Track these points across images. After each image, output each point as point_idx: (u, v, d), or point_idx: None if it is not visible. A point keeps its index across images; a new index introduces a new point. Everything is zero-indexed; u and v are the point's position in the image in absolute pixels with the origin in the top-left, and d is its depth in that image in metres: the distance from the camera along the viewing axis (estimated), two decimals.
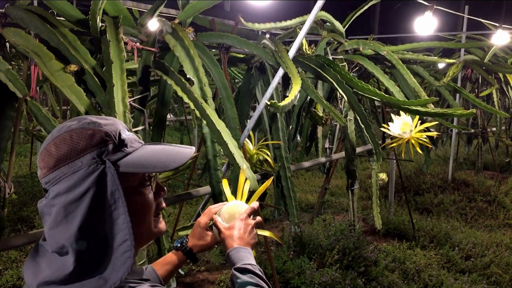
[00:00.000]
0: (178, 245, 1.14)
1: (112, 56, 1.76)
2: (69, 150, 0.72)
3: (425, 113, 2.76)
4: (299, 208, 4.71)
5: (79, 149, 0.72)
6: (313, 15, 2.29)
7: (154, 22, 2.18)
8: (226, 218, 1.11)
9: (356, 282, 2.87)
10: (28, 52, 1.68)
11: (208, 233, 1.13)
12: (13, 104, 1.90)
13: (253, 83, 3.01)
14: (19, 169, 6.10)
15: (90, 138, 0.73)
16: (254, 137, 2.86)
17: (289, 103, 1.85)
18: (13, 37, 1.70)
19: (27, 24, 1.75)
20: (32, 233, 1.88)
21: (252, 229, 1.08)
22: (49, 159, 0.74)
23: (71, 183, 0.71)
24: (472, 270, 3.33)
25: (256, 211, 1.15)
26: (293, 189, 2.80)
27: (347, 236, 3.30)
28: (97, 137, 0.74)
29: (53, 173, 0.73)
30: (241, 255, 1.00)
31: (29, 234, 1.85)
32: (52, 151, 0.74)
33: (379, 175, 3.13)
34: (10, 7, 1.75)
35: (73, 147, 0.72)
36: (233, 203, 1.17)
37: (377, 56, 3.61)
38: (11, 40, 1.70)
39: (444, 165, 6.64)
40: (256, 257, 1.07)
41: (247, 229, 1.06)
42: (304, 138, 3.87)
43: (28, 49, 1.68)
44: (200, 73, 2.04)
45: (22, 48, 1.68)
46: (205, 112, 1.65)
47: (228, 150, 1.63)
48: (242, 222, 1.06)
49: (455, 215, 4.67)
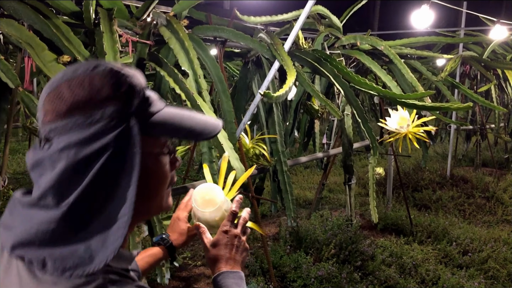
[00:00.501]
0: (158, 240, 1.06)
1: (105, 48, 1.76)
2: (88, 96, 0.60)
3: (422, 106, 2.75)
4: (297, 204, 4.72)
5: (101, 98, 0.60)
6: (308, 8, 2.28)
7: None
8: (200, 203, 1.07)
9: (353, 276, 2.86)
10: (21, 43, 1.68)
11: (188, 227, 1.06)
12: (6, 96, 1.90)
13: (250, 78, 3.01)
14: (17, 166, 6.10)
15: (116, 88, 0.61)
16: (251, 131, 2.86)
17: (284, 94, 1.84)
18: (6, 28, 1.69)
19: (20, 15, 1.74)
20: None
21: (240, 241, 0.93)
22: (60, 103, 0.61)
23: (86, 136, 0.59)
24: (469, 265, 3.32)
25: (252, 206, 1.10)
26: (290, 183, 2.79)
27: (344, 231, 3.30)
28: (124, 88, 0.62)
29: (64, 120, 0.60)
30: (230, 281, 0.87)
31: None
32: (65, 94, 0.61)
33: (376, 169, 3.12)
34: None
35: (93, 94, 0.60)
36: (205, 186, 1.10)
37: (375, 51, 3.61)
38: (4, 30, 1.69)
39: (442, 161, 6.64)
40: (252, 251, 1.03)
41: (234, 242, 0.92)
42: (302, 133, 3.87)
43: (21, 40, 1.67)
44: (195, 65, 2.03)
45: (14, 39, 1.68)
46: (196, 103, 1.64)
47: (217, 140, 1.62)
48: (227, 236, 0.92)
49: (454, 211, 4.66)
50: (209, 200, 1.04)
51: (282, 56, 2.24)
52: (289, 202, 2.76)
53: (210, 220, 1.14)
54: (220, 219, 1.15)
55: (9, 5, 1.76)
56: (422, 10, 3.31)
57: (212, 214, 1.12)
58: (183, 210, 1.06)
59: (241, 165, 1.62)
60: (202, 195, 1.06)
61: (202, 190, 1.07)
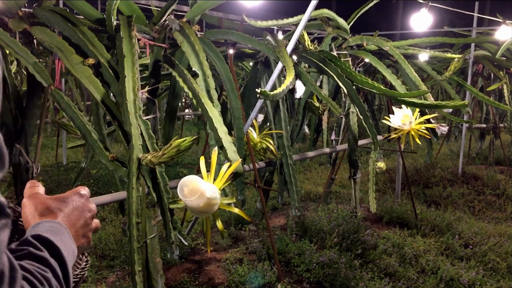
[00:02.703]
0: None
1: (124, 51, 2.00)
2: None
3: (420, 104, 2.90)
4: (308, 198, 4.91)
5: None
6: (308, 13, 2.48)
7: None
8: (185, 193, 1.24)
9: (353, 263, 3.05)
10: (52, 48, 1.94)
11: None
12: (39, 94, 2.17)
13: (259, 77, 3.22)
14: (46, 159, 6.48)
15: None
16: (264, 129, 3.07)
17: (280, 92, 2.05)
18: (40, 35, 1.95)
19: (52, 23, 2.00)
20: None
21: (89, 219, 0.72)
22: None
23: None
24: (470, 258, 3.45)
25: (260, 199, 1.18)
26: (294, 175, 2.99)
27: (347, 222, 3.48)
28: None
29: None
30: (46, 226, 0.63)
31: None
32: None
33: (377, 163, 3.29)
34: (37, 8, 2.01)
35: None
36: (188, 178, 1.27)
37: (382, 51, 3.77)
38: (38, 37, 1.95)
39: (456, 159, 6.70)
40: (260, 239, 1.17)
41: (85, 214, 0.71)
42: (312, 130, 4.08)
43: (52, 45, 1.94)
44: (204, 66, 2.26)
45: (47, 44, 1.94)
46: (201, 101, 1.87)
47: (217, 135, 1.84)
48: (82, 201, 0.72)
49: (463, 207, 4.77)
50: (192, 190, 1.23)
51: (284, 58, 2.44)
52: (293, 193, 2.97)
53: (196, 206, 1.36)
54: (205, 205, 1.36)
55: (42, 14, 2.02)
56: (420, 13, 3.45)
57: (197, 201, 1.34)
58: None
59: (238, 157, 1.83)
60: (186, 186, 1.25)
61: (186, 181, 1.26)
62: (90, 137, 1.99)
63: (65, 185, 5.00)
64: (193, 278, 2.99)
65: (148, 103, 2.39)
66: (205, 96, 1.97)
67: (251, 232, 3.74)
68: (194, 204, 1.43)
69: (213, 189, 1.53)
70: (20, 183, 2.21)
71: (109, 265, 3.15)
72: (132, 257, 1.81)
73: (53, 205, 0.69)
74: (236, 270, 2.92)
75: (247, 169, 2.85)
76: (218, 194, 1.54)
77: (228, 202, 1.67)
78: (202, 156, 1.53)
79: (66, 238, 0.63)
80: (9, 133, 2.15)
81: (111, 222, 3.86)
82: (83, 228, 0.70)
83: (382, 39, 3.67)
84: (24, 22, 1.97)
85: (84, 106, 5.60)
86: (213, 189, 1.53)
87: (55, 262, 0.57)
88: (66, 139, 5.97)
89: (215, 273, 3.04)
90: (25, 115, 2.18)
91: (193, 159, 6.32)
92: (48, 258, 0.57)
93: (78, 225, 0.69)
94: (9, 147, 2.17)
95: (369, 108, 4.33)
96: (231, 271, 2.95)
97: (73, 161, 6.35)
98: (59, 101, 1.91)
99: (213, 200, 1.51)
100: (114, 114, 2.00)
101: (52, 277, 0.55)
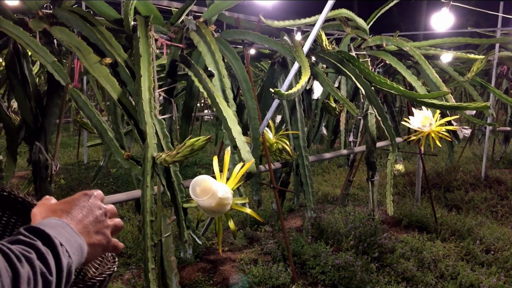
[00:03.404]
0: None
1: (141, 51, 2.02)
2: None
3: (441, 106, 2.84)
4: (325, 200, 4.87)
5: None
6: (325, 12, 2.46)
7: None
8: (197, 193, 1.23)
9: (369, 266, 3.00)
10: (71, 47, 1.97)
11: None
12: (59, 93, 2.22)
13: (276, 77, 3.21)
14: (68, 158, 6.61)
15: None
16: (282, 130, 3.06)
17: (294, 92, 2.03)
18: (59, 34, 1.99)
19: (71, 23, 2.04)
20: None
21: (102, 217, 0.72)
22: None
23: None
24: (491, 263, 3.36)
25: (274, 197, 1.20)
26: (310, 176, 2.97)
27: (364, 224, 3.43)
28: None
29: None
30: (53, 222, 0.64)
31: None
32: None
33: (396, 166, 3.24)
34: (57, 9, 2.05)
35: None
36: (200, 178, 1.26)
37: (402, 52, 3.70)
38: (57, 36, 1.99)
39: (479, 163, 6.54)
40: (276, 241, 1.15)
41: (95, 212, 0.71)
42: (330, 131, 4.04)
43: (71, 44, 1.97)
44: (219, 66, 2.26)
45: (66, 44, 1.98)
46: (215, 100, 1.87)
47: (231, 135, 1.83)
48: (89, 199, 0.73)
49: (485, 212, 4.65)
50: (203, 189, 1.23)
51: (301, 58, 2.43)
52: (309, 194, 2.95)
53: (208, 206, 1.36)
54: (217, 204, 1.36)
55: (61, 15, 2.06)
56: (442, 13, 3.38)
57: (208, 201, 1.34)
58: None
59: (251, 157, 1.82)
60: (198, 185, 1.25)
61: (198, 181, 1.26)
62: (106, 136, 2.02)
63: (86, 183, 5.09)
64: (208, 278, 2.99)
65: (164, 103, 2.41)
66: (220, 96, 1.97)
67: (266, 233, 3.72)
68: (206, 203, 1.43)
69: (225, 189, 1.52)
70: (40, 180, 2.26)
71: (125, 263, 3.19)
72: (146, 255, 1.82)
73: (58, 207, 0.70)
74: (250, 270, 2.92)
75: (262, 170, 2.84)
76: (230, 194, 1.54)
77: (240, 202, 1.67)
78: (216, 156, 1.53)
79: (67, 231, 0.63)
80: (30, 131, 2.20)
81: (129, 220, 3.90)
82: (94, 225, 0.70)
83: (403, 40, 3.60)
84: (44, 22, 2.02)
85: (106, 106, 5.69)
86: (225, 189, 1.52)
87: (46, 249, 0.57)
88: (88, 138, 6.08)
89: (230, 273, 3.04)
90: (45, 113, 2.23)
91: (211, 160, 6.35)
92: (34, 243, 0.56)
93: (86, 222, 0.69)
94: (29, 144, 2.22)
95: (389, 109, 4.27)
96: (246, 272, 2.94)
97: (94, 159, 6.46)
98: (76, 100, 1.94)
99: (225, 200, 1.51)
100: (131, 113, 2.02)
101: (36, 259, 0.54)
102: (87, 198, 0.73)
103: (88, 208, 0.71)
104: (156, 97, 2.19)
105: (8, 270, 0.49)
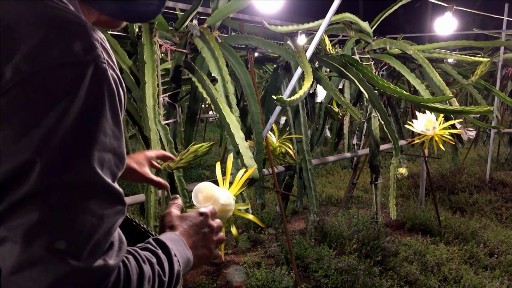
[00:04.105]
0: None
1: (145, 58, 2.05)
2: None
3: (444, 110, 2.85)
4: (329, 202, 4.88)
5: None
6: (328, 17, 2.47)
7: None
8: (200, 199, 1.24)
9: (372, 270, 3.01)
10: None
11: (145, 167, 1.17)
12: None
13: (280, 81, 3.23)
14: None
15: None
16: (286, 135, 3.07)
17: (297, 98, 2.05)
18: None
19: None
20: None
21: (209, 234, 0.87)
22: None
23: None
24: (495, 267, 3.36)
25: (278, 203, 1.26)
26: (313, 180, 2.99)
27: (368, 228, 3.44)
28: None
29: None
30: (178, 246, 0.78)
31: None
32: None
33: (399, 169, 3.24)
34: None
35: None
36: (202, 184, 1.28)
37: (406, 55, 3.71)
38: None
39: (483, 165, 6.52)
40: (279, 243, 1.16)
41: (203, 229, 0.86)
42: (334, 134, 4.06)
43: None
44: (223, 72, 2.29)
45: None
46: (219, 107, 1.89)
47: (234, 141, 1.86)
48: (202, 219, 0.87)
49: (490, 214, 4.64)
50: (206, 196, 1.24)
51: (304, 63, 2.44)
52: (312, 198, 2.96)
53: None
54: (219, 211, 1.37)
55: None
56: (445, 17, 3.38)
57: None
58: (155, 154, 1.22)
59: (254, 163, 1.84)
60: (201, 192, 1.27)
61: (200, 188, 1.27)
62: None
63: None
64: (211, 281, 3.02)
65: (169, 107, 2.43)
66: (223, 102, 1.99)
67: (270, 235, 3.74)
68: None
69: (227, 195, 1.53)
70: None
71: None
72: None
73: (176, 222, 0.85)
74: (253, 274, 2.94)
75: (266, 173, 2.86)
76: (232, 200, 1.55)
77: (243, 208, 1.68)
78: (218, 162, 1.55)
79: (181, 246, 0.78)
80: None
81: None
82: (201, 241, 0.84)
83: (406, 43, 3.61)
84: None
85: None
86: (228, 195, 1.53)
87: (164, 258, 0.71)
88: None
89: (233, 276, 3.07)
90: None
91: (215, 161, 6.38)
92: (157, 251, 0.71)
93: (195, 238, 0.84)
94: None
95: (392, 112, 4.27)
96: (249, 275, 2.96)
97: None
98: None
99: (227, 207, 1.51)
100: (135, 119, 2.05)
101: (156, 264, 0.68)
102: (199, 217, 0.87)
103: (198, 225, 0.86)
104: (160, 102, 2.21)
105: (136, 268, 0.64)
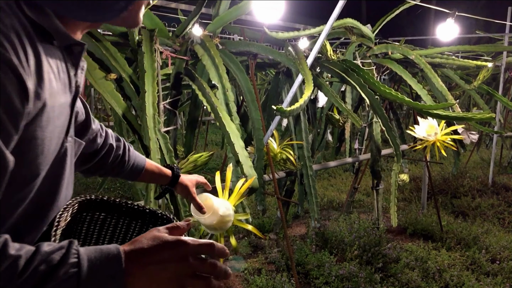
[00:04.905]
0: (173, 167, 1.30)
1: (145, 66, 2.04)
2: None
3: (446, 116, 2.83)
4: (330, 206, 4.87)
5: None
6: (329, 24, 2.46)
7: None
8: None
9: (373, 277, 3.00)
10: None
11: (194, 188, 1.32)
12: None
13: (281, 87, 3.22)
14: None
15: None
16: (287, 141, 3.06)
17: (297, 108, 2.04)
18: None
19: None
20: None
21: (185, 278, 0.64)
22: None
23: None
24: (497, 273, 3.34)
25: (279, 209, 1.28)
26: (314, 186, 2.98)
27: (369, 234, 3.43)
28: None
29: None
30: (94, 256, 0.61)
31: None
32: None
33: (400, 176, 3.23)
34: None
35: None
36: (201, 195, 1.31)
37: (408, 59, 3.69)
38: None
39: (486, 168, 6.49)
40: (280, 249, 1.18)
41: (174, 264, 0.63)
42: (335, 139, 4.05)
43: None
44: (223, 80, 2.28)
45: None
46: (219, 115, 1.88)
47: (234, 150, 1.85)
48: (179, 251, 0.64)
49: (492, 219, 4.61)
50: (205, 207, 1.25)
51: (304, 70, 2.43)
52: (313, 204, 2.95)
53: (209, 224, 1.37)
54: (218, 222, 1.37)
55: None
56: (447, 24, 3.36)
57: (210, 219, 1.35)
58: (202, 181, 1.40)
59: (254, 172, 1.84)
60: (203, 200, 1.27)
61: (199, 198, 1.28)
62: None
63: (93, 188, 5.14)
64: None
65: (169, 114, 2.43)
66: (223, 110, 1.98)
67: (271, 240, 3.74)
68: (207, 221, 1.45)
69: (226, 206, 1.53)
70: None
71: None
72: None
73: (144, 240, 0.66)
74: (254, 280, 2.93)
75: (267, 179, 2.85)
76: (232, 211, 1.54)
77: (242, 218, 1.68)
78: (218, 172, 1.54)
79: (108, 264, 0.62)
80: None
81: None
82: (165, 274, 0.65)
83: (408, 47, 3.60)
84: None
85: (112, 111, 5.72)
86: (227, 206, 1.53)
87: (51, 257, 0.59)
88: None
89: (234, 282, 3.06)
90: None
91: (217, 164, 6.38)
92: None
93: (155, 267, 0.64)
94: None
95: (394, 116, 4.26)
96: (249, 282, 2.95)
97: None
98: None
99: (226, 217, 1.51)
100: (135, 128, 2.05)
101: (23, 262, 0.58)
102: (178, 247, 0.64)
103: (171, 256, 0.63)
104: (161, 109, 2.21)
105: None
